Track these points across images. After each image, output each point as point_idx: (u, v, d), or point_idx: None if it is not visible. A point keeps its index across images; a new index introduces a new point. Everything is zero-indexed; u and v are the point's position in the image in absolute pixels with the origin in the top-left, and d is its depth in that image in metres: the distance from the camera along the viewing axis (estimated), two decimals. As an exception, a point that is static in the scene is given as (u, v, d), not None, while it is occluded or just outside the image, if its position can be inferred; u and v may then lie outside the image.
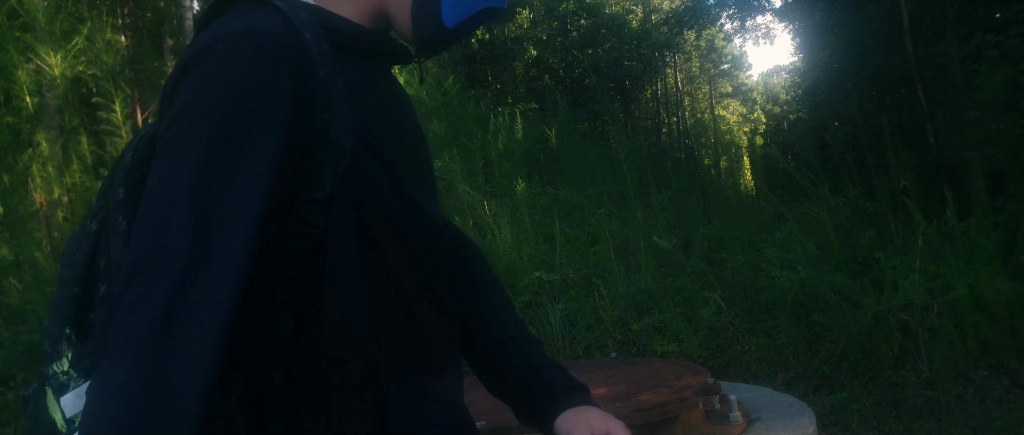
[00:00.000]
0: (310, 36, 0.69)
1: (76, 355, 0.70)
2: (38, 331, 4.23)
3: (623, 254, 5.39)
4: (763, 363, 4.10)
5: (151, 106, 7.47)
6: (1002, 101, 4.52)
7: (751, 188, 9.76)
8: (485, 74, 13.32)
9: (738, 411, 1.80)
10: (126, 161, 0.74)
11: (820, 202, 5.05)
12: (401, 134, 0.81)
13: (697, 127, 23.43)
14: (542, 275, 5.08)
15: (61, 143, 5.69)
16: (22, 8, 5.71)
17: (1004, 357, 3.58)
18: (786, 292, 4.41)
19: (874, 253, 4.36)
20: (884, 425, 3.27)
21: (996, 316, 3.66)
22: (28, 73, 5.59)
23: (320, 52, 0.69)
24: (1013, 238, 4.04)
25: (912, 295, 3.76)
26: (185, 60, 0.67)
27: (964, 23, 5.58)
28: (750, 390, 2.18)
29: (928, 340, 3.67)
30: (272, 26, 0.67)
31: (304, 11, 0.71)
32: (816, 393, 3.70)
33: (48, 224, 5.51)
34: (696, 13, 14.40)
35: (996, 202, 4.36)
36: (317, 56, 0.69)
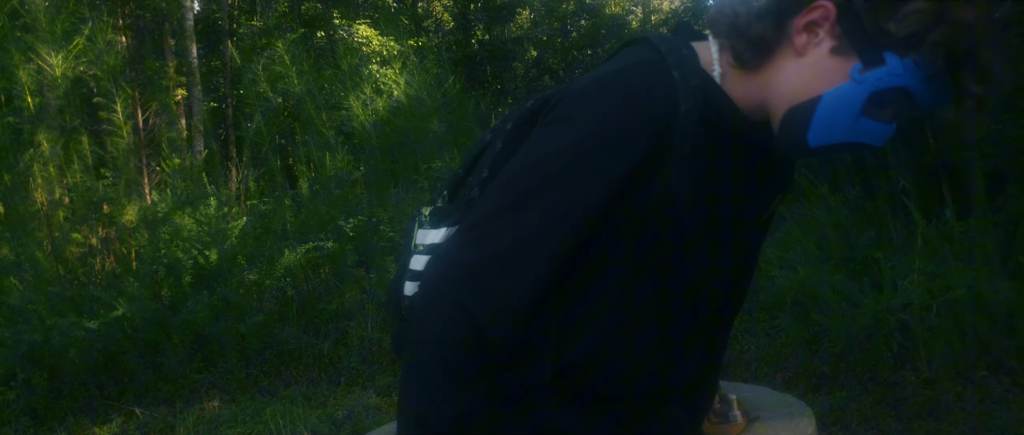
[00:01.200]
0: (685, 108, 0.83)
1: (440, 210, 0.97)
2: (39, 330, 4.24)
3: (623, 254, 5.38)
4: (762, 363, 4.10)
5: (152, 106, 7.48)
6: (1002, 101, 4.52)
7: (751, 188, 9.74)
8: (485, 74, 13.32)
9: (737, 410, 1.81)
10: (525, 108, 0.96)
11: (819, 202, 5.05)
12: (722, 213, 0.91)
13: (697, 127, 23.38)
14: (542, 275, 5.08)
15: (62, 143, 5.69)
16: (23, 9, 5.72)
17: (1003, 357, 3.59)
18: (785, 292, 4.41)
19: (873, 253, 4.36)
20: (883, 424, 3.28)
21: (995, 316, 3.66)
22: (29, 73, 5.59)
23: (685, 125, 0.83)
24: (1012, 238, 4.05)
25: (911, 295, 3.76)
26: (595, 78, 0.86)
27: (964, 23, 5.58)
28: (749, 389, 2.19)
29: (927, 340, 3.67)
30: (659, 98, 0.83)
31: (697, 79, 0.85)
32: (815, 393, 3.70)
33: (49, 224, 5.52)
34: (696, 14, 14.41)
35: (995, 202, 4.36)
36: (681, 127, 0.83)
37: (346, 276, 5.57)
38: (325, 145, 7.09)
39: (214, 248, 5.41)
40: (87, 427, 4.19)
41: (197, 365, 4.77)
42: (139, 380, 4.58)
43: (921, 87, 0.78)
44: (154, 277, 5.24)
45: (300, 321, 5.23)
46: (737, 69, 0.88)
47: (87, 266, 5.56)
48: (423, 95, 7.88)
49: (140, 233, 5.60)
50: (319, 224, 6.09)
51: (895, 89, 0.78)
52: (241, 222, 5.70)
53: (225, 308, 4.98)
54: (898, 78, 0.78)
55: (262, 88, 7.55)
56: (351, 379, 4.67)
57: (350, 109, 7.55)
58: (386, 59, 8.76)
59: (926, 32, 0.75)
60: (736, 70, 0.88)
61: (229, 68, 10.15)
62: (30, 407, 4.18)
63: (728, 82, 0.88)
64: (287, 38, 7.70)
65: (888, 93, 0.79)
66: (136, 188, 6.21)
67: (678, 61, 0.86)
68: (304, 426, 3.89)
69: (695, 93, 0.84)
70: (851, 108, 0.80)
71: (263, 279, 5.42)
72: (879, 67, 0.78)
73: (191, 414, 4.21)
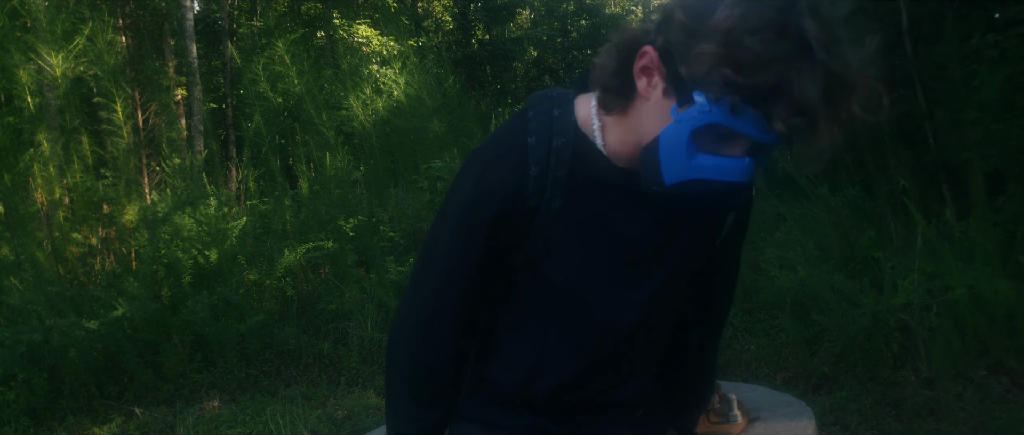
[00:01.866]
0: (536, 171, 0.95)
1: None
2: (39, 330, 4.24)
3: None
4: (762, 363, 4.10)
5: (152, 106, 7.47)
6: (1001, 101, 4.52)
7: (751, 188, 9.75)
8: (485, 74, 13.32)
9: (738, 410, 1.81)
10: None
11: (819, 202, 5.05)
12: (600, 250, 1.00)
13: (697, 127, 23.40)
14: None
15: (62, 143, 5.70)
16: (24, 9, 5.72)
17: (1003, 357, 3.59)
18: (785, 292, 4.41)
19: (873, 253, 4.36)
20: (883, 425, 3.28)
21: (995, 316, 3.66)
22: (29, 73, 5.59)
23: (540, 184, 0.95)
24: (1012, 238, 4.05)
25: (911, 295, 3.76)
26: (474, 150, 1.03)
27: (963, 23, 5.58)
28: (749, 389, 2.19)
29: (927, 340, 3.67)
30: (505, 167, 0.96)
31: (563, 138, 0.96)
32: (815, 393, 3.71)
33: (49, 224, 5.52)
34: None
35: (995, 202, 4.36)
36: (536, 187, 0.96)
37: (346, 276, 5.57)
38: (325, 145, 7.09)
39: (214, 248, 5.41)
40: (87, 427, 4.19)
41: (197, 365, 4.77)
42: (139, 380, 4.58)
43: (736, 123, 0.80)
44: (154, 277, 5.24)
45: (300, 321, 5.23)
46: (611, 118, 0.96)
47: (87, 266, 5.56)
48: (423, 95, 7.88)
49: (140, 233, 5.60)
50: (319, 224, 6.09)
51: (711, 126, 0.81)
52: (241, 222, 5.70)
53: (225, 308, 4.99)
54: (706, 115, 0.81)
55: (262, 88, 7.55)
56: (351, 379, 4.67)
57: (350, 109, 7.55)
58: (386, 59, 8.76)
59: (711, 72, 0.78)
60: (611, 119, 0.96)
61: (229, 68, 10.15)
62: (30, 407, 4.18)
63: (608, 132, 0.97)
64: (287, 38, 7.70)
65: (707, 131, 0.82)
66: (136, 188, 6.21)
67: (542, 125, 0.97)
68: (304, 426, 3.89)
69: (559, 152, 0.95)
70: (679, 146, 0.84)
71: (263, 279, 5.42)
72: (691, 106, 0.82)
73: (191, 414, 4.21)
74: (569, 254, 0.99)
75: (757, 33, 0.77)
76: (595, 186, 0.98)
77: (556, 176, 0.95)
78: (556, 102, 0.99)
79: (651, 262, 1.02)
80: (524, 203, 0.96)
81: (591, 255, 1.00)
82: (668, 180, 0.87)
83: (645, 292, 1.03)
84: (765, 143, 0.83)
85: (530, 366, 1.06)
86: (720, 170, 0.85)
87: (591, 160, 0.97)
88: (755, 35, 0.77)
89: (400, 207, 6.55)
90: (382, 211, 6.32)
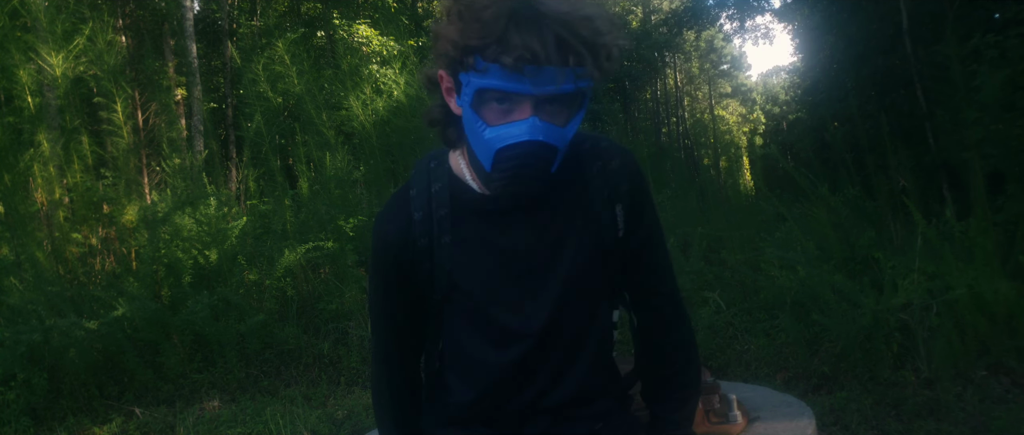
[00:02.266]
0: (419, 216, 1.15)
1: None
2: (39, 330, 4.24)
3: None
4: (763, 363, 4.10)
5: (152, 106, 7.47)
6: (1001, 101, 4.52)
7: (750, 188, 9.76)
8: (485, 74, 13.30)
9: (738, 410, 1.81)
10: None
11: (819, 202, 5.05)
12: (495, 268, 1.15)
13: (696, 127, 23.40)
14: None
15: (62, 143, 5.69)
16: (24, 9, 5.72)
17: (1003, 357, 3.59)
18: (785, 292, 4.41)
19: (873, 253, 4.37)
20: (883, 425, 3.28)
21: (995, 316, 3.66)
22: (30, 73, 5.59)
23: (424, 228, 1.14)
24: (1012, 238, 4.05)
25: (911, 295, 3.76)
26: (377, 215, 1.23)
27: (963, 23, 5.59)
28: (750, 390, 2.19)
29: (927, 340, 3.67)
30: (391, 223, 1.17)
31: (440, 183, 1.15)
32: (815, 393, 3.71)
33: (49, 224, 5.51)
34: (695, 13, 14.40)
35: (995, 202, 4.37)
36: (420, 232, 1.14)
37: (346, 276, 5.57)
38: (325, 145, 7.09)
39: (214, 248, 5.41)
40: (87, 427, 4.19)
41: (197, 365, 4.77)
42: (139, 380, 4.58)
43: (489, 80, 0.97)
44: (154, 277, 5.24)
45: (300, 321, 5.23)
46: (464, 151, 1.14)
47: (87, 266, 5.56)
48: (423, 95, 7.88)
49: (140, 233, 5.60)
50: (319, 224, 6.09)
51: (480, 93, 0.99)
52: (241, 222, 5.70)
53: (225, 308, 4.98)
54: (470, 86, 0.99)
55: (262, 88, 7.54)
56: (351, 379, 4.67)
57: (350, 109, 7.55)
58: (386, 59, 8.76)
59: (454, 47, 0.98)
60: (465, 155, 1.14)
61: (229, 68, 10.15)
62: (30, 407, 4.18)
63: (470, 168, 1.14)
64: (287, 38, 7.69)
65: (481, 102, 1.00)
66: (136, 188, 6.21)
67: (420, 178, 1.18)
68: (304, 426, 3.89)
69: (437, 195, 1.15)
70: (474, 126, 1.02)
71: (263, 279, 5.42)
72: (462, 88, 1.02)
73: (191, 414, 4.20)
74: (469, 278, 1.15)
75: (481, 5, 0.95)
76: (477, 216, 1.14)
77: (440, 216, 1.14)
78: (433, 157, 1.20)
79: (545, 268, 1.14)
80: (416, 245, 1.14)
81: (487, 275, 1.14)
82: (487, 166, 1.03)
83: (547, 296, 1.15)
84: (533, 94, 0.97)
85: (468, 383, 1.21)
86: (510, 134, 0.99)
87: (464, 195, 1.14)
88: (480, 7, 0.95)
89: (400, 207, 6.54)
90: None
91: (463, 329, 1.19)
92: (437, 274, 1.15)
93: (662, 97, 25.68)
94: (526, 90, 0.96)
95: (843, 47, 8.80)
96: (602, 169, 1.16)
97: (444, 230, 1.14)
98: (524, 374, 1.18)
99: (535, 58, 0.93)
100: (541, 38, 0.93)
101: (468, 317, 1.18)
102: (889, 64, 7.47)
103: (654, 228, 1.23)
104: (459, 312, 1.18)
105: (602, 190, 1.14)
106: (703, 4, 14.36)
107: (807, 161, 6.35)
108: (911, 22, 6.70)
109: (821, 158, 6.84)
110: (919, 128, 6.54)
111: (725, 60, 30.81)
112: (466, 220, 1.14)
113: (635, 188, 1.18)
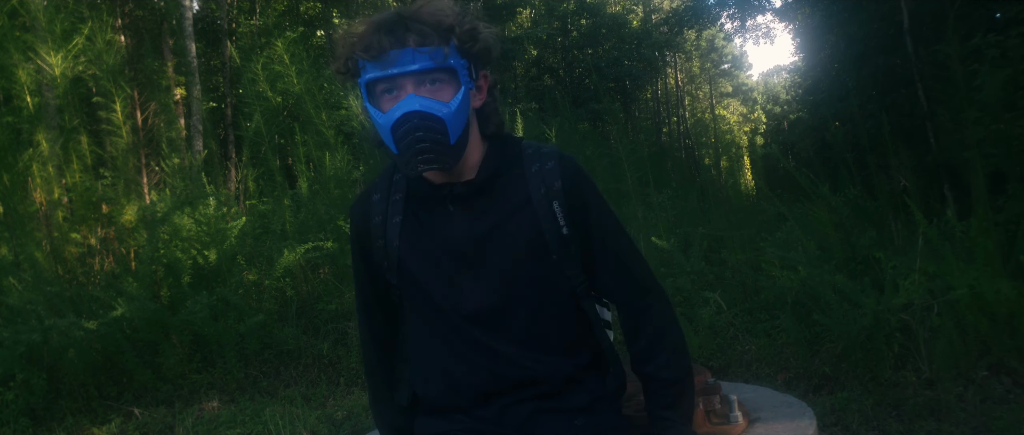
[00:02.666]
0: (377, 197, 1.34)
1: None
2: (38, 331, 4.23)
3: (623, 254, 5.37)
4: (763, 363, 4.09)
5: (151, 106, 7.46)
6: (1003, 101, 4.51)
7: (751, 188, 9.75)
8: (485, 74, 13.30)
9: (738, 411, 1.80)
10: None
11: (820, 202, 5.04)
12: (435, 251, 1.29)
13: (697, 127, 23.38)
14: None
15: (61, 143, 5.68)
16: (23, 8, 5.70)
17: (1005, 357, 3.58)
18: (786, 292, 4.40)
19: (874, 253, 4.36)
20: (884, 425, 3.27)
21: (996, 316, 3.65)
22: (28, 73, 5.58)
23: (380, 207, 1.33)
24: (1013, 238, 4.04)
25: (912, 295, 3.75)
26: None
27: (964, 23, 5.58)
28: (750, 390, 2.17)
29: (928, 340, 3.66)
30: (354, 209, 1.39)
31: (398, 173, 1.34)
32: (816, 393, 3.70)
33: (48, 224, 5.50)
34: (696, 13, 14.39)
35: (996, 202, 4.36)
36: (376, 210, 1.33)
37: (346, 276, 5.56)
38: (324, 145, 7.08)
39: (213, 248, 5.40)
40: (86, 427, 4.18)
41: (196, 365, 4.76)
42: (138, 380, 4.57)
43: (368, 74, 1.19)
44: (153, 277, 5.23)
45: (299, 321, 5.22)
46: None
47: (86, 266, 5.55)
48: (423, 95, 7.86)
49: (139, 233, 5.59)
50: (318, 224, 6.08)
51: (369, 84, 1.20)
52: (240, 222, 5.69)
53: (224, 308, 4.97)
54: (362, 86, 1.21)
55: (261, 87, 7.53)
56: (351, 379, 4.66)
57: (350, 108, 7.54)
58: (386, 59, 8.72)
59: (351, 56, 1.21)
60: None
61: (228, 67, 10.15)
62: (29, 407, 4.17)
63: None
64: (286, 37, 7.68)
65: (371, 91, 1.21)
66: (135, 188, 6.20)
67: (387, 170, 1.37)
68: (303, 427, 3.88)
69: (395, 183, 1.33)
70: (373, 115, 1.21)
71: (262, 279, 5.41)
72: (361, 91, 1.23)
73: (190, 415, 4.20)
74: (415, 258, 1.30)
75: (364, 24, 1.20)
76: (425, 203, 1.30)
77: (394, 199, 1.32)
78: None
79: (481, 254, 1.27)
80: (371, 221, 1.32)
81: (429, 256, 1.29)
82: (394, 149, 1.20)
83: (486, 280, 1.27)
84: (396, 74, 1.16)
85: (430, 368, 1.34)
86: (395, 112, 1.16)
87: (419, 185, 1.30)
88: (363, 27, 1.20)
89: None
90: (382, 211, 6.29)
91: (416, 318, 1.35)
92: (388, 251, 1.31)
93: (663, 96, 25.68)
94: (387, 73, 1.16)
95: (844, 46, 8.79)
96: (539, 169, 1.29)
97: (396, 211, 1.31)
98: (476, 353, 1.29)
99: (385, 46, 1.15)
100: (391, 32, 1.16)
101: (416, 302, 1.33)
102: (890, 64, 7.47)
103: (606, 226, 1.32)
104: (410, 298, 1.33)
105: (539, 188, 1.28)
106: (704, 3, 14.35)
107: (808, 161, 6.35)
108: (912, 21, 6.69)
109: (822, 158, 6.84)
110: (920, 128, 6.54)
111: (726, 59, 30.80)
112: (417, 206, 1.31)
113: (572, 187, 1.28)
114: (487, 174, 1.27)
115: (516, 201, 1.28)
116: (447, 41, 1.17)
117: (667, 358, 1.31)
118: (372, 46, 1.16)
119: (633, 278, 1.33)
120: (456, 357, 1.30)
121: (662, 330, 1.32)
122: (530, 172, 1.29)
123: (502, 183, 1.29)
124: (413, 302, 1.33)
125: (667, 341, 1.32)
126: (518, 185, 1.29)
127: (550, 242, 1.27)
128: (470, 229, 1.27)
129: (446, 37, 1.18)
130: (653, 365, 1.31)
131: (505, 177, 1.29)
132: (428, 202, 1.30)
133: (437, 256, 1.28)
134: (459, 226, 1.28)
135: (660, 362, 1.31)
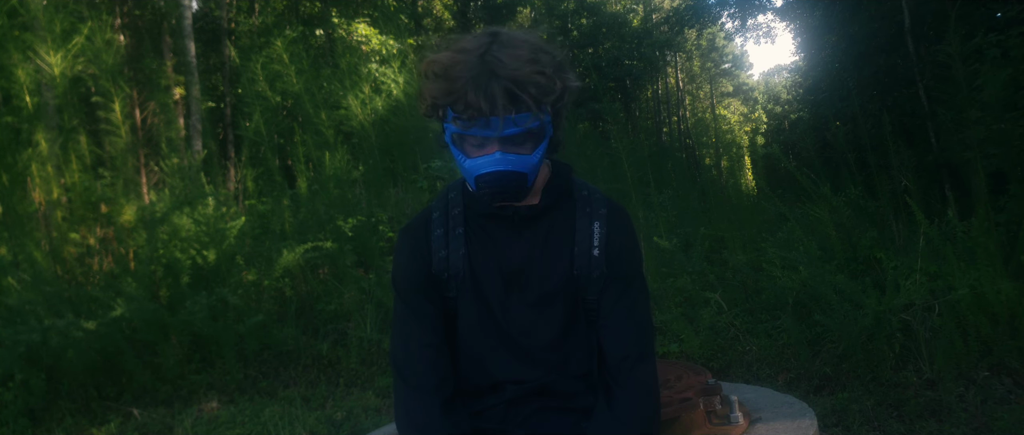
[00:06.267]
0: (437, 215, 1.39)
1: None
2: (37, 331, 4.22)
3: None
4: (764, 363, 4.08)
5: (150, 105, 7.45)
6: (1004, 101, 4.51)
7: (752, 188, 9.74)
8: (485, 73, 13.29)
9: (739, 412, 1.79)
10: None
11: (821, 202, 5.03)
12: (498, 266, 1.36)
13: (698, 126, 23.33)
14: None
15: (60, 143, 5.67)
16: (23, 8, 5.70)
17: (1006, 357, 3.57)
18: (787, 292, 4.39)
19: (875, 253, 4.35)
20: (885, 425, 3.26)
21: (998, 316, 3.64)
22: (28, 72, 5.57)
23: (441, 221, 1.38)
24: (1015, 238, 4.03)
25: (913, 295, 3.74)
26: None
27: (965, 22, 5.57)
28: (751, 391, 2.17)
29: (929, 340, 3.65)
30: (408, 225, 1.42)
31: (454, 192, 1.41)
32: (817, 393, 3.69)
33: (47, 224, 5.50)
34: (697, 12, 14.37)
35: (998, 202, 4.35)
36: (437, 222, 1.38)
37: (345, 276, 5.55)
38: (324, 144, 7.07)
39: (212, 248, 5.39)
40: (85, 428, 4.17)
41: (195, 366, 4.75)
42: (137, 381, 4.56)
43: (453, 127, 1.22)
44: (152, 277, 5.22)
45: (299, 322, 5.21)
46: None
47: (85, 266, 5.54)
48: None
49: (138, 233, 5.58)
50: (318, 224, 6.07)
51: (454, 137, 1.24)
52: (239, 222, 5.68)
53: (223, 309, 4.96)
54: (447, 132, 1.25)
55: (260, 87, 7.53)
56: (350, 380, 4.65)
57: (349, 108, 7.53)
58: (385, 58, 8.74)
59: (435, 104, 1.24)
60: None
61: (227, 67, 10.14)
62: (28, 408, 4.16)
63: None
64: (286, 37, 7.67)
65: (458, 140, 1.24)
66: (134, 188, 6.19)
67: (439, 196, 1.43)
68: (303, 427, 3.87)
69: (453, 200, 1.39)
70: (458, 158, 1.26)
71: (261, 279, 5.40)
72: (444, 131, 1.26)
73: (189, 415, 4.19)
74: (476, 266, 1.36)
75: (454, 65, 1.18)
76: (484, 217, 1.36)
77: (454, 213, 1.38)
78: (450, 188, 1.45)
79: (527, 274, 1.35)
80: (432, 233, 1.37)
81: (487, 266, 1.36)
82: (472, 186, 1.27)
83: (526, 299, 1.35)
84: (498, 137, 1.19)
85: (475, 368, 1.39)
86: (481, 165, 1.22)
87: (473, 199, 1.37)
88: (453, 67, 1.18)
89: (399, 207, 6.53)
90: (381, 211, 6.29)
91: (465, 323, 1.39)
92: (452, 259, 1.35)
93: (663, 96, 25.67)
94: (480, 133, 1.19)
95: (845, 46, 8.79)
96: (587, 198, 1.39)
97: (458, 222, 1.37)
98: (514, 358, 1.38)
99: (482, 112, 1.15)
100: (489, 96, 1.15)
101: (471, 310, 1.37)
102: (891, 63, 7.46)
103: (632, 278, 1.38)
104: (466, 308, 1.37)
105: (584, 209, 1.38)
106: (704, 3, 14.33)
107: (809, 161, 6.33)
108: (913, 21, 6.69)
109: (823, 158, 6.83)
110: (921, 127, 6.53)
111: (726, 59, 30.79)
112: (477, 218, 1.37)
113: (614, 212, 1.39)
114: (550, 202, 1.36)
115: (564, 229, 1.37)
116: (541, 105, 1.19)
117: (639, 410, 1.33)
118: (467, 106, 1.16)
119: (638, 333, 1.37)
120: (498, 362, 1.38)
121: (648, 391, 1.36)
122: (582, 212, 1.38)
123: (556, 212, 1.38)
124: (467, 308, 1.38)
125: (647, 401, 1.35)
126: (568, 216, 1.38)
127: (581, 278, 1.37)
128: (524, 248, 1.36)
129: (541, 104, 1.20)
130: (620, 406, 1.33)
131: (558, 208, 1.38)
132: (490, 217, 1.37)
133: (494, 267, 1.36)
134: (516, 244, 1.36)
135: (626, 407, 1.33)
